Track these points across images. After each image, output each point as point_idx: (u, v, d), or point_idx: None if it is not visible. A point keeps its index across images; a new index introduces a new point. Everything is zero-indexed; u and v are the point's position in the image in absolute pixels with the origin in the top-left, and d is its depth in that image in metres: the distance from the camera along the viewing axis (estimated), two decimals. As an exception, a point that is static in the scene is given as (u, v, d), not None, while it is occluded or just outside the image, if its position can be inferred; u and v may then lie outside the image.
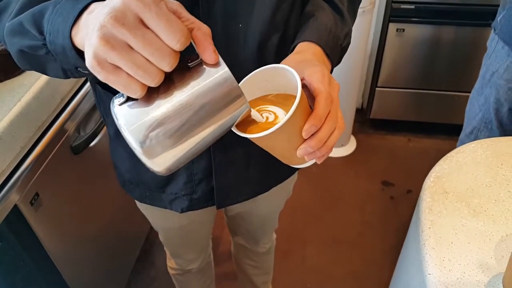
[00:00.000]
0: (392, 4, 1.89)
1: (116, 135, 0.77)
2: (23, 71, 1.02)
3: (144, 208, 0.94)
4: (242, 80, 0.53)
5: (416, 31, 1.97)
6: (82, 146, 1.13)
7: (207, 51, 0.41)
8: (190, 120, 0.42)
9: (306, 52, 0.60)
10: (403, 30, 1.96)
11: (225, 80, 0.42)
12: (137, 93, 0.39)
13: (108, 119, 0.77)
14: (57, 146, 1.05)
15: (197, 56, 0.42)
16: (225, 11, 0.59)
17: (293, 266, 1.74)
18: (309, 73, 0.51)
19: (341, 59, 0.68)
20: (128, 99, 0.43)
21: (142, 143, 0.42)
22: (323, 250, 1.80)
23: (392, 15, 1.93)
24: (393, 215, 1.92)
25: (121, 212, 1.44)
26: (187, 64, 0.42)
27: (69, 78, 0.53)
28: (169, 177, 0.77)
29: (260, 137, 0.47)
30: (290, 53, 0.62)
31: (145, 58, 0.38)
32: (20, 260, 0.97)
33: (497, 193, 0.79)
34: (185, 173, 0.76)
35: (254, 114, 0.51)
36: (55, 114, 1.05)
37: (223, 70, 0.42)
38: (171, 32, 0.37)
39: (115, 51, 0.37)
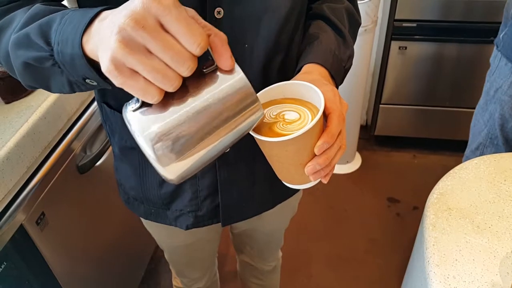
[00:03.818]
0: (394, 22, 1.92)
1: (121, 153, 0.78)
2: (30, 92, 1.04)
3: (149, 225, 0.94)
4: (260, 92, 0.54)
5: (418, 49, 1.98)
6: (88, 165, 1.14)
7: (224, 56, 0.41)
8: (206, 126, 0.42)
9: (314, 72, 0.62)
10: (406, 47, 1.97)
11: (241, 86, 0.42)
12: (155, 98, 0.39)
13: (113, 138, 0.78)
14: (64, 166, 1.06)
15: (211, 63, 0.42)
16: (232, 32, 0.61)
17: (299, 284, 1.72)
18: (321, 91, 0.51)
19: (343, 80, 0.70)
20: (143, 104, 0.42)
21: (156, 150, 0.41)
22: (329, 268, 1.78)
23: (394, 33, 1.95)
24: (399, 232, 1.90)
25: (127, 232, 1.45)
26: (201, 70, 0.42)
27: (74, 92, 0.52)
28: (175, 194, 0.77)
29: (279, 142, 0.47)
30: (296, 73, 0.63)
31: (164, 63, 0.37)
32: (25, 280, 0.97)
33: (501, 209, 0.79)
34: (191, 190, 0.76)
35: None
36: (61, 134, 1.07)
37: (239, 76, 0.42)
38: (191, 36, 0.37)
39: (134, 55, 0.36)
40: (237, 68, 0.42)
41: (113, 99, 0.71)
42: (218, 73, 0.42)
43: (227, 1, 0.59)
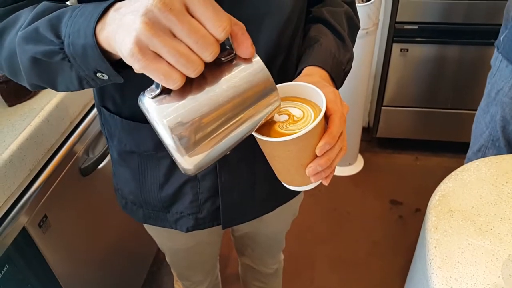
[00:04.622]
0: (396, 24, 1.92)
1: (120, 157, 0.78)
2: (33, 95, 1.04)
3: (150, 229, 0.94)
4: None
5: (420, 51, 1.98)
6: (91, 168, 1.15)
7: (245, 44, 0.41)
8: (225, 114, 0.42)
9: (314, 75, 0.62)
10: (407, 50, 1.98)
11: (261, 74, 0.42)
12: (176, 83, 0.38)
13: (112, 142, 0.78)
14: (66, 169, 1.06)
15: (229, 51, 0.42)
16: None
17: (302, 287, 1.72)
18: (323, 93, 0.52)
19: (343, 83, 0.70)
20: (162, 92, 0.42)
21: (176, 138, 0.41)
22: (331, 270, 1.78)
23: (395, 35, 1.95)
24: (402, 235, 1.90)
25: (129, 234, 1.45)
26: (220, 59, 0.42)
27: (82, 89, 0.51)
28: (175, 197, 0.77)
29: (281, 142, 0.47)
30: (296, 76, 0.64)
31: (188, 47, 0.37)
32: (27, 283, 0.97)
33: (502, 211, 0.79)
34: (191, 192, 0.76)
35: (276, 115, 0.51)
36: (64, 137, 1.07)
37: (258, 65, 0.42)
38: (217, 20, 0.37)
39: (159, 37, 0.36)
40: (256, 57, 0.42)
41: (112, 103, 0.71)
42: (237, 61, 0.42)
43: (228, 2, 0.59)
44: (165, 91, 0.42)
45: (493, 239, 0.74)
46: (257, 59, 0.42)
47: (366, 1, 1.74)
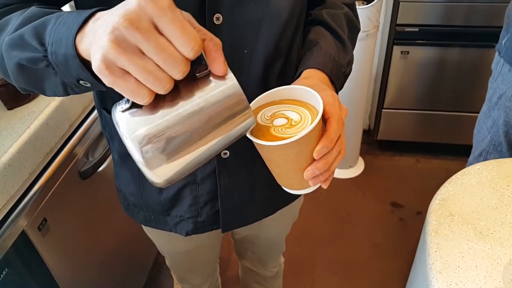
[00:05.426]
0: (396, 27, 1.92)
1: (121, 159, 0.78)
2: (32, 98, 1.04)
3: (150, 232, 0.94)
4: (259, 96, 0.54)
5: (420, 53, 1.98)
6: (91, 171, 1.15)
7: (217, 62, 0.41)
8: (195, 131, 0.42)
9: (314, 77, 0.62)
10: (408, 52, 1.97)
11: (233, 92, 0.42)
12: (145, 99, 0.39)
13: (113, 144, 0.78)
14: (66, 172, 1.06)
15: (204, 67, 0.42)
16: (231, 38, 0.61)
17: (302, 290, 1.72)
18: (320, 96, 0.51)
19: (343, 85, 0.69)
20: (132, 105, 0.42)
21: (143, 152, 0.41)
22: (332, 273, 1.77)
23: (396, 37, 1.95)
24: (403, 237, 1.89)
25: (128, 237, 1.45)
26: (194, 74, 0.42)
27: (68, 95, 0.52)
28: (174, 200, 0.77)
29: (278, 146, 0.47)
30: (296, 79, 0.64)
31: (156, 65, 0.37)
32: (26, 287, 0.97)
33: (503, 215, 0.78)
34: (191, 196, 0.76)
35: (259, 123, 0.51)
36: (63, 140, 1.07)
37: (231, 82, 0.42)
38: (185, 39, 0.36)
39: (126, 55, 0.36)
40: (230, 74, 0.42)
41: (112, 105, 0.71)
42: (211, 78, 0.42)
43: (226, 7, 0.59)
44: (136, 105, 0.41)
45: (494, 243, 0.74)
46: (230, 76, 0.42)
47: (367, 3, 1.74)
